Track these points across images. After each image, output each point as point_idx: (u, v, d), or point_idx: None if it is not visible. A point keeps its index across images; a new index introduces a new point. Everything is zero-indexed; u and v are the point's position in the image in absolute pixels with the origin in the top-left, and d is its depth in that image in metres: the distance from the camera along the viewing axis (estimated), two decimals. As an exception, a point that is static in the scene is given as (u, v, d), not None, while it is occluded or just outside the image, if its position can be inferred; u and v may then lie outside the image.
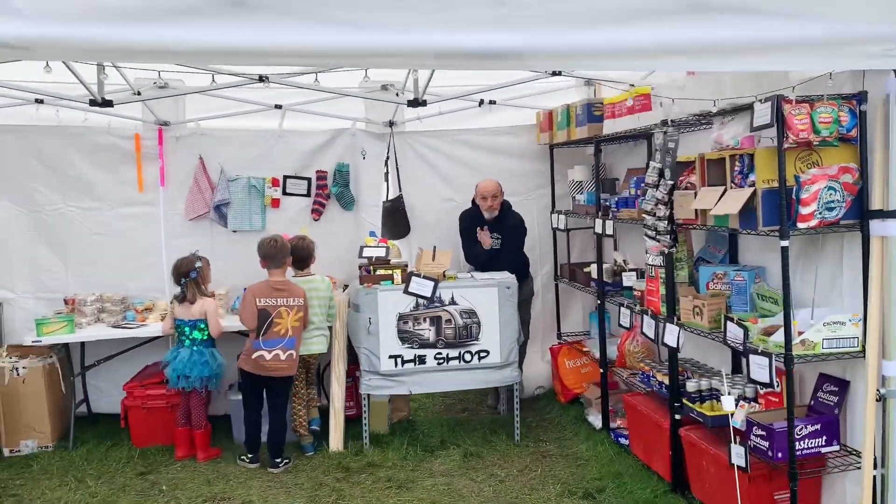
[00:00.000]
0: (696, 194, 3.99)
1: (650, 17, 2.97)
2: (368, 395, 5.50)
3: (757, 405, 4.01)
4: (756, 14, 3.01)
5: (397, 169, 6.36)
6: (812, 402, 3.83)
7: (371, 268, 5.53)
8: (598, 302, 5.67)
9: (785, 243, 3.40)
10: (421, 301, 5.42)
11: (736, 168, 3.64)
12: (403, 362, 5.45)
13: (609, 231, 5.31)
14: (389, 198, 6.37)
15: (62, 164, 6.00)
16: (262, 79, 4.71)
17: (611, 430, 5.56)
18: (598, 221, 5.45)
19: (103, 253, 6.10)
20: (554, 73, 5.10)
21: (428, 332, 5.45)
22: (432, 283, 5.40)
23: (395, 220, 6.27)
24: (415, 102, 4.77)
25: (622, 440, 5.36)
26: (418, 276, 5.42)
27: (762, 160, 3.45)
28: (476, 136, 6.55)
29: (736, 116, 3.70)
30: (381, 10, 2.78)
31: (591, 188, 6.06)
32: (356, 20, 2.77)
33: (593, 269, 5.85)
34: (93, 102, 4.49)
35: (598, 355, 5.84)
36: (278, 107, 6.05)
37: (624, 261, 5.65)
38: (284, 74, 4.87)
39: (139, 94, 5.13)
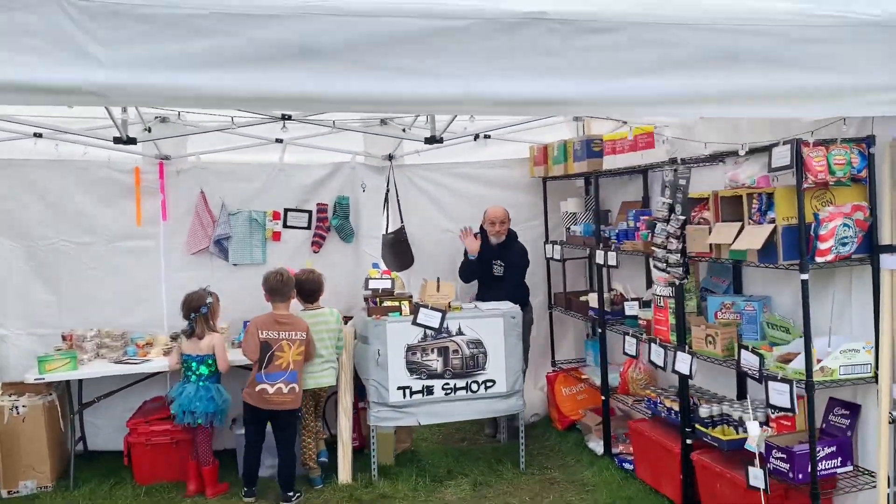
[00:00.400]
0: (710, 229, 4.21)
1: (687, 66, 3.20)
2: (376, 426, 5.55)
3: (769, 429, 4.21)
4: (779, 64, 3.26)
5: (398, 201, 6.48)
6: (824, 426, 4.05)
7: (377, 299, 5.61)
8: (600, 330, 5.85)
9: (805, 276, 3.64)
10: (429, 332, 5.52)
11: (754, 206, 3.88)
12: (412, 393, 5.52)
13: (612, 262, 5.51)
14: (390, 230, 6.47)
15: (60, 199, 5.95)
16: (284, 117, 4.79)
17: (614, 456, 5.71)
18: (600, 252, 5.64)
19: (99, 288, 6.04)
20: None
21: (436, 362, 5.55)
22: (440, 314, 5.50)
23: (398, 251, 6.38)
24: (431, 140, 4.91)
25: (626, 465, 5.51)
26: (426, 307, 5.52)
27: (782, 198, 3.70)
28: (472, 168, 6.73)
29: (751, 157, 3.94)
30: (445, 60, 2.94)
31: (585, 220, 6.29)
32: (422, 70, 2.92)
33: (591, 297, 6.04)
34: (117, 140, 4.50)
35: (597, 382, 6.02)
36: (279, 141, 6.11)
37: (624, 290, 5.85)
38: (304, 113, 4.96)
39: (149, 130, 5.15)
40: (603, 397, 5.85)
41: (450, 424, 6.64)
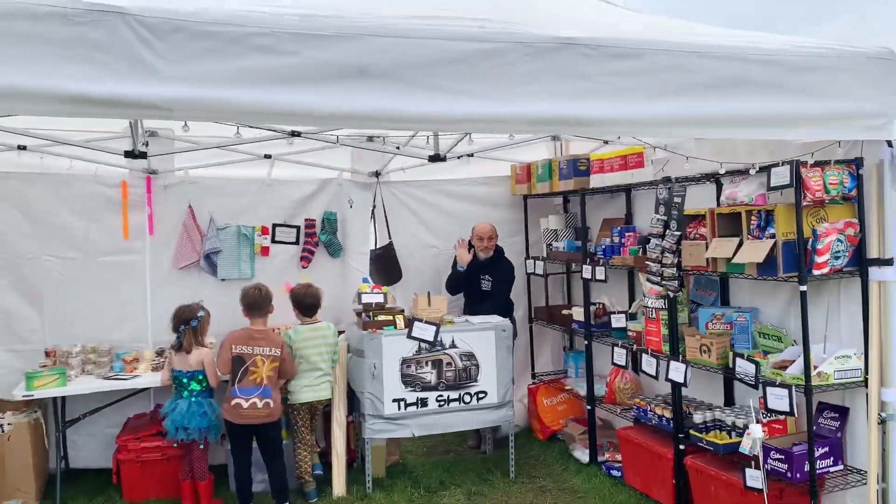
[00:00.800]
0: (707, 245, 4.46)
1: (701, 91, 3.45)
2: (371, 438, 5.60)
3: (763, 433, 4.46)
4: (782, 90, 3.54)
5: (385, 217, 6.59)
6: (814, 428, 4.30)
7: (371, 313, 5.69)
8: (586, 342, 6.05)
9: (803, 288, 3.92)
10: (423, 345, 5.63)
11: (753, 222, 4.14)
12: (406, 405, 5.61)
13: (599, 276, 5.73)
14: (379, 245, 6.57)
15: (43, 212, 5.84)
16: (293, 134, 4.86)
17: (601, 464, 5.90)
18: (587, 267, 5.86)
19: (83, 303, 5.93)
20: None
21: (430, 374, 5.65)
22: (434, 328, 5.62)
23: (386, 266, 6.48)
24: (435, 158, 5.05)
25: (614, 472, 5.70)
26: (420, 321, 5.63)
27: (781, 215, 3.97)
28: (455, 185, 6.90)
29: (747, 176, 4.21)
30: (485, 82, 3.11)
31: (567, 236, 6.52)
32: (464, 91, 3.08)
33: (575, 311, 6.25)
34: (128, 154, 4.49)
35: (580, 393, 6.22)
36: (268, 156, 6.14)
37: (609, 303, 6.07)
38: (312, 131, 5.03)
39: (147, 144, 5.13)
40: (589, 407, 6.04)
41: (433, 437, 6.72)
